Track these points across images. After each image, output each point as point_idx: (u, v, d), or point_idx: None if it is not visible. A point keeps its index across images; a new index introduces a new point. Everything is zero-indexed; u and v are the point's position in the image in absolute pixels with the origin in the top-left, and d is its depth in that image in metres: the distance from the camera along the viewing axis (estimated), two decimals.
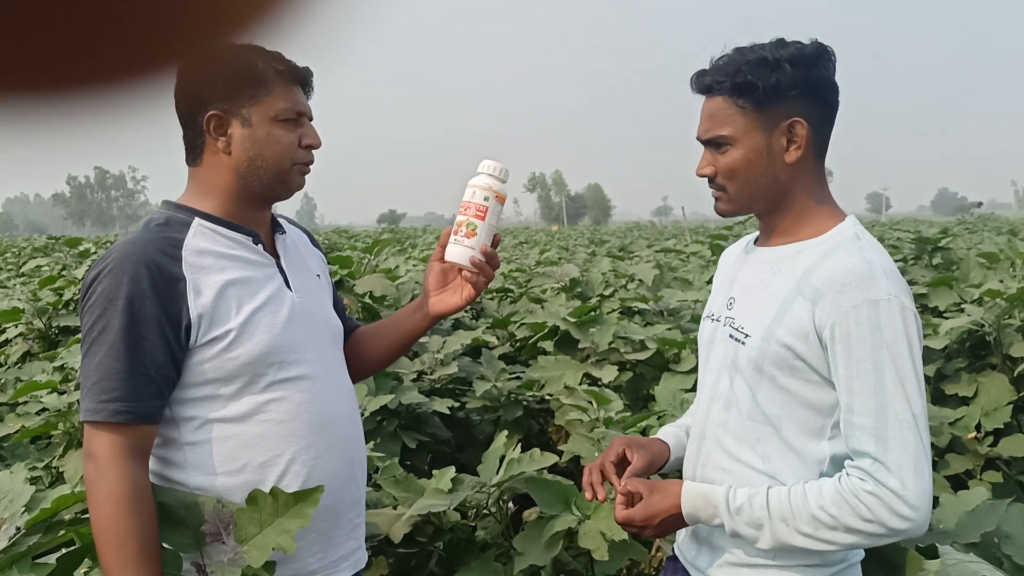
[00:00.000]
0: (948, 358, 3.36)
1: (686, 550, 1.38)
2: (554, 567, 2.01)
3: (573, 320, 3.43)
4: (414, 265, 6.61)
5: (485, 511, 2.20)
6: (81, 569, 1.34)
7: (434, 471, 2.26)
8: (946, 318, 3.73)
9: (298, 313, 1.33)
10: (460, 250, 1.38)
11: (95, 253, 8.66)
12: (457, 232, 1.38)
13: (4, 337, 4.54)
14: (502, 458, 2.13)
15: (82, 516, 1.58)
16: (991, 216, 35.14)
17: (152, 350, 1.19)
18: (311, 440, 1.30)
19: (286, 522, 1.19)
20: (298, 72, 1.30)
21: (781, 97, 1.18)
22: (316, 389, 1.33)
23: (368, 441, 2.48)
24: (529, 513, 2.40)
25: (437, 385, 3.36)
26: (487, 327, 4.26)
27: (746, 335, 1.24)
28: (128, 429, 1.17)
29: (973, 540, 1.71)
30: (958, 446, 2.99)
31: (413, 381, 3.25)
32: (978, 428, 2.98)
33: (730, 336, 1.28)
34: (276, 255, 1.37)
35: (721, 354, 1.31)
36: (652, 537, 1.37)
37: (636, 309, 4.21)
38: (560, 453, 2.44)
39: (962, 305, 3.81)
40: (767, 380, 1.21)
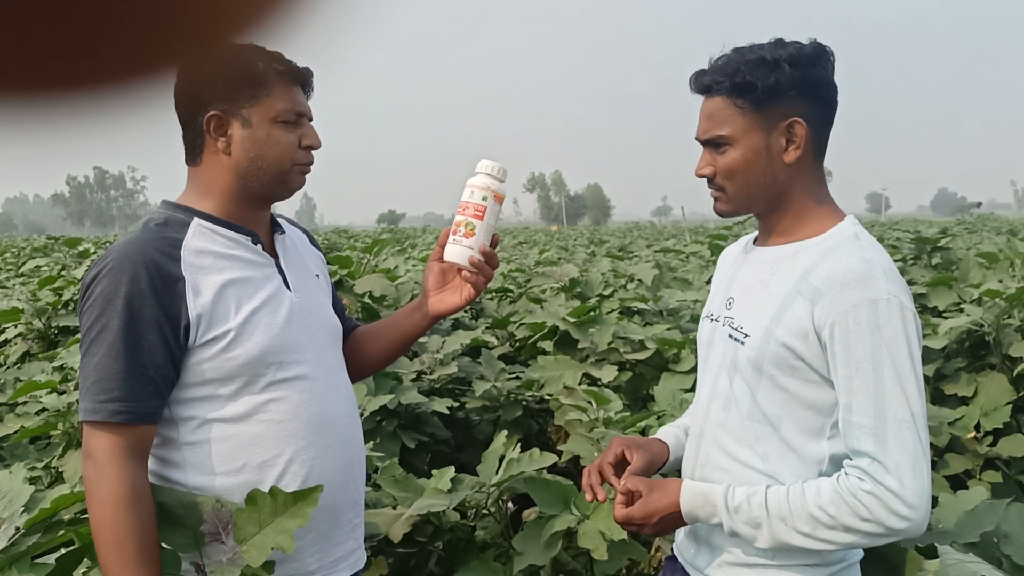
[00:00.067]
0: (947, 358, 3.36)
1: (685, 550, 1.38)
2: (553, 567, 2.01)
3: (572, 320, 3.43)
4: (413, 265, 6.61)
5: (484, 511, 2.20)
6: (80, 569, 1.33)
7: (433, 471, 2.26)
8: (945, 318, 3.73)
9: (297, 313, 1.33)
10: (459, 250, 1.38)
11: (94, 253, 8.65)
12: (456, 232, 1.38)
13: (3, 337, 4.53)
14: (501, 458, 2.13)
15: (81, 516, 1.58)
16: (990, 216, 35.16)
17: (151, 350, 1.19)
18: (310, 440, 1.30)
19: (285, 522, 1.19)
20: (298, 72, 1.30)
21: (780, 97, 1.18)
22: (315, 389, 1.33)
23: (367, 441, 2.48)
24: (528, 513, 2.40)
25: (436, 385, 3.36)
26: (486, 327, 4.26)
27: (745, 335, 1.24)
28: (127, 429, 1.17)
29: (972, 540, 1.71)
30: (957, 446, 2.99)
31: (412, 381, 3.25)
32: (977, 428, 2.98)
33: (729, 336, 1.28)
34: (275, 255, 1.37)
35: (720, 354, 1.31)
36: (651, 536, 1.37)
37: (635, 309, 4.21)
38: (559, 453, 2.44)
39: (961, 305, 3.82)
40: (766, 380, 1.21)
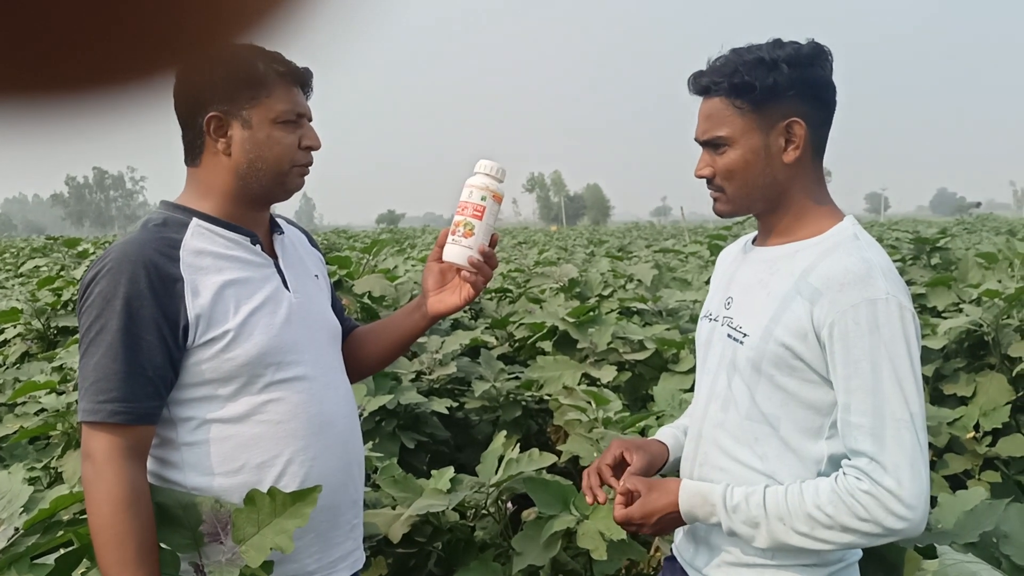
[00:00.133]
0: (947, 358, 3.36)
1: (684, 550, 1.38)
2: (553, 567, 2.01)
3: (572, 320, 3.43)
4: (413, 265, 6.61)
5: (484, 511, 2.20)
6: (79, 569, 1.33)
7: (433, 471, 2.26)
8: (945, 318, 3.73)
9: (296, 314, 1.33)
10: (458, 250, 1.38)
11: (93, 253, 8.65)
12: (455, 232, 1.38)
13: (3, 337, 4.53)
14: (501, 458, 2.13)
15: (80, 516, 1.58)
16: (990, 216, 35.18)
17: (150, 351, 1.19)
18: (309, 441, 1.30)
19: (284, 522, 1.19)
20: (298, 73, 1.30)
21: (779, 97, 1.18)
22: (314, 390, 1.33)
23: (367, 441, 2.48)
24: (528, 513, 2.40)
25: (436, 385, 3.36)
26: (486, 327, 4.26)
27: (744, 335, 1.24)
28: (126, 429, 1.17)
29: (971, 540, 1.71)
30: (956, 446, 2.99)
31: (412, 381, 3.25)
32: (976, 428, 2.98)
33: (728, 336, 1.28)
34: (274, 255, 1.36)
35: (719, 354, 1.31)
36: (650, 535, 1.37)
37: (635, 309, 4.21)
38: (559, 453, 2.44)
39: (960, 305, 3.82)
40: (765, 380, 1.21)
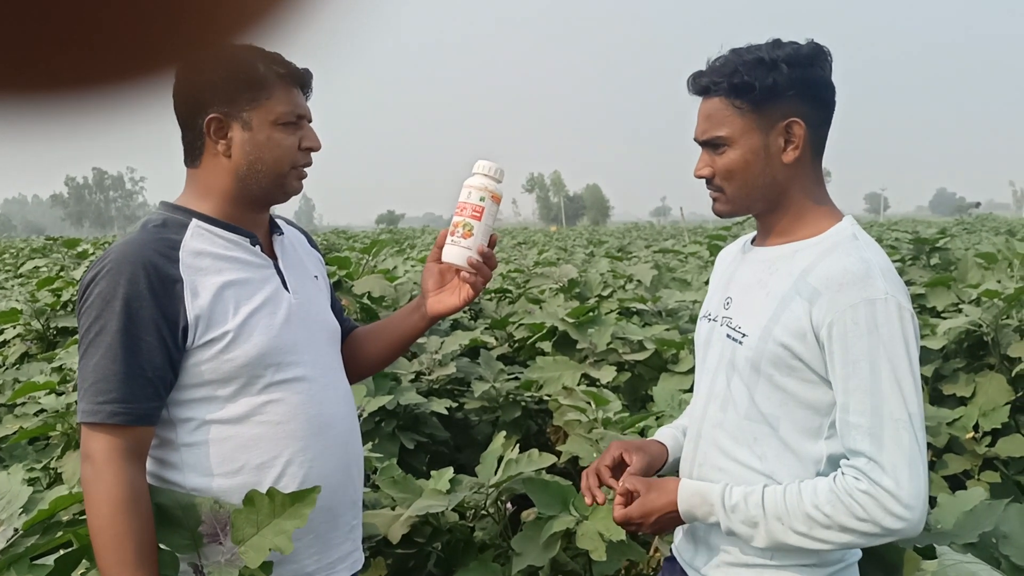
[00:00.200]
0: (946, 358, 3.36)
1: (684, 550, 1.38)
2: (552, 568, 2.01)
3: (571, 321, 3.43)
4: (412, 266, 6.60)
5: (483, 512, 2.20)
6: (79, 570, 1.33)
7: (432, 472, 2.26)
8: (944, 318, 3.73)
9: (295, 314, 1.33)
10: (457, 251, 1.38)
11: (93, 254, 8.65)
12: (454, 233, 1.38)
13: (2, 338, 4.53)
14: (500, 459, 2.13)
15: (80, 517, 1.58)
16: (989, 216, 35.20)
17: (149, 351, 1.19)
18: (308, 441, 1.30)
19: (283, 523, 1.19)
20: (298, 74, 1.30)
21: (778, 97, 1.18)
22: (313, 391, 1.33)
23: (366, 442, 2.48)
24: (527, 514, 2.40)
25: (435, 386, 3.36)
26: (485, 328, 4.26)
27: (743, 335, 1.24)
28: (125, 430, 1.17)
29: (971, 540, 1.71)
30: (956, 446, 2.99)
31: (411, 382, 3.25)
32: (976, 428, 2.98)
33: (727, 336, 1.28)
34: (274, 256, 1.36)
35: (718, 354, 1.31)
36: (650, 535, 1.37)
37: (634, 309, 4.21)
38: (558, 454, 2.44)
39: (960, 305, 3.82)
40: (764, 379, 1.21)
